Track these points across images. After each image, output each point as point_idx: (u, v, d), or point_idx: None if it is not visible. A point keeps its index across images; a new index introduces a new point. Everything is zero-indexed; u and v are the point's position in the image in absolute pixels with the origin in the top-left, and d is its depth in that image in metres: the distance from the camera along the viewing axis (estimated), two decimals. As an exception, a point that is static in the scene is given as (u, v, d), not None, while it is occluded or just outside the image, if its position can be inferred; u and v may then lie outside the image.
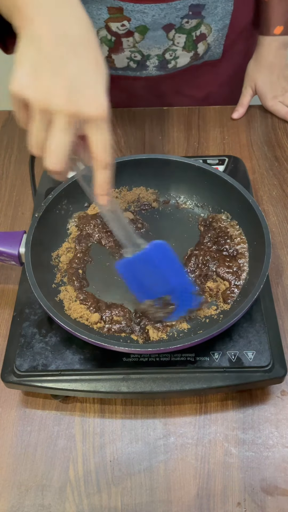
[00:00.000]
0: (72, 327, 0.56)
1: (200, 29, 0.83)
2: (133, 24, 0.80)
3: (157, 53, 0.85)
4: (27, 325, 0.62)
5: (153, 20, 0.79)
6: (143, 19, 0.79)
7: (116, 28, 0.81)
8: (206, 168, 0.71)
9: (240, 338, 0.60)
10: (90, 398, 0.62)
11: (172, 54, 0.86)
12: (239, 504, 0.55)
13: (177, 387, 0.57)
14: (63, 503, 0.55)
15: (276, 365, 0.58)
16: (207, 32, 0.85)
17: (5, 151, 0.91)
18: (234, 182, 0.69)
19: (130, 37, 0.82)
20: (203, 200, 0.74)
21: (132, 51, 0.85)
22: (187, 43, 0.85)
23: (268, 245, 0.61)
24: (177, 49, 0.86)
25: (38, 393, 0.62)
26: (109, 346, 0.55)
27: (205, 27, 0.84)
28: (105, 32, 0.82)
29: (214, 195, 0.72)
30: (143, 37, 0.82)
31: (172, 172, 0.73)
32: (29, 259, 0.61)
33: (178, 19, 0.80)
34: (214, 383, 0.57)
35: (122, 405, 0.61)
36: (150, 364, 0.59)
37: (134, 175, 0.74)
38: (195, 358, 0.59)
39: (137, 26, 0.80)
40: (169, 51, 0.85)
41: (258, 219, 0.64)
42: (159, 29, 0.81)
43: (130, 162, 0.73)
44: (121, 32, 0.81)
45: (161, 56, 0.86)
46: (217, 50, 0.90)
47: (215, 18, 0.83)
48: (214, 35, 0.86)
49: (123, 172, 0.72)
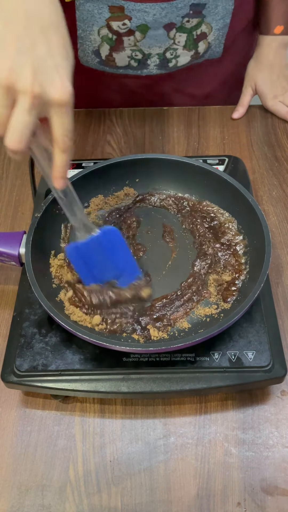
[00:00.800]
0: (73, 327, 0.56)
1: (200, 28, 0.84)
2: (134, 23, 0.80)
3: (158, 52, 0.86)
4: (27, 325, 0.62)
5: (154, 19, 0.79)
6: (144, 18, 0.79)
7: (117, 27, 0.81)
8: (206, 168, 0.71)
9: (240, 338, 0.60)
10: (90, 398, 0.62)
11: (173, 53, 0.86)
12: (239, 504, 0.55)
13: (177, 387, 0.57)
14: (63, 503, 0.55)
15: (276, 365, 0.58)
16: (208, 31, 0.85)
17: (5, 151, 0.91)
18: (233, 181, 0.69)
19: (131, 36, 0.82)
20: (202, 199, 0.74)
21: (133, 50, 0.85)
22: (188, 42, 0.85)
23: (268, 244, 0.61)
24: (177, 48, 0.86)
25: (38, 393, 0.62)
26: (111, 346, 0.55)
27: (206, 26, 0.84)
28: (106, 31, 0.83)
29: (213, 193, 0.73)
30: (144, 36, 0.82)
31: (171, 171, 0.74)
32: (29, 259, 0.61)
33: (179, 18, 0.80)
34: (214, 383, 0.57)
35: (122, 405, 0.61)
36: (150, 364, 0.59)
37: (130, 175, 0.75)
38: (195, 358, 0.59)
39: (138, 25, 0.80)
40: (169, 50, 0.86)
41: (258, 218, 0.64)
42: (160, 28, 0.81)
43: (127, 162, 0.73)
44: (122, 31, 0.81)
45: (162, 55, 0.86)
46: (217, 49, 0.90)
47: (216, 17, 0.84)
48: (215, 34, 0.86)
49: (126, 170, 0.74)
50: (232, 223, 0.71)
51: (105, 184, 0.75)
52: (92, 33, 0.84)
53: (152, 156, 0.74)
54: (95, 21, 0.81)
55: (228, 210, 0.72)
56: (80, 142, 0.91)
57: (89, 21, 0.82)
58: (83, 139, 0.92)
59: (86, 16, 0.81)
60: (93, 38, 0.85)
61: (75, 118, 1.00)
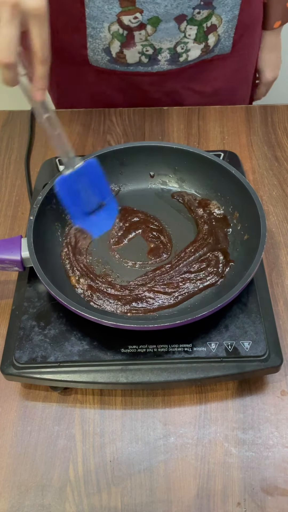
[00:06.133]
0: (81, 309, 0.58)
1: (211, 20, 0.86)
2: (146, 16, 0.81)
3: (168, 47, 0.87)
4: (26, 318, 0.63)
5: (166, 11, 0.81)
6: (155, 10, 0.81)
7: (128, 21, 0.82)
8: (198, 153, 0.74)
9: (237, 328, 0.61)
10: (90, 397, 0.62)
11: (184, 47, 0.88)
12: (239, 504, 0.55)
13: (175, 377, 0.58)
14: (63, 503, 0.55)
15: (272, 354, 0.59)
16: (218, 23, 0.87)
17: (5, 151, 0.91)
18: (227, 165, 0.71)
19: (142, 30, 0.84)
20: (200, 187, 0.76)
21: (144, 45, 0.86)
22: (198, 34, 0.87)
23: (263, 222, 0.64)
24: (188, 42, 0.87)
25: (38, 392, 0.62)
26: (117, 324, 0.57)
27: (216, 18, 0.86)
28: (117, 27, 0.83)
29: (208, 179, 0.75)
30: (155, 29, 0.84)
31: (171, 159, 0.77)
32: (36, 261, 0.61)
33: (190, 10, 0.82)
34: (211, 373, 0.58)
35: (122, 405, 0.61)
36: (148, 355, 0.59)
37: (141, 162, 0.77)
38: (192, 349, 0.60)
39: (150, 18, 0.82)
40: (180, 44, 0.87)
41: (251, 198, 0.67)
42: (171, 21, 0.83)
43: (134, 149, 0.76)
44: (134, 25, 0.83)
45: (173, 49, 0.88)
46: (227, 42, 0.92)
47: (225, 9, 0.86)
48: (224, 26, 0.89)
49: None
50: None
51: None
52: (102, 30, 0.84)
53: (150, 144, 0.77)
54: (105, 17, 0.82)
55: (223, 194, 0.74)
56: (80, 142, 0.92)
57: (99, 18, 0.83)
58: (83, 139, 0.92)
59: (96, 13, 0.82)
60: (103, 35, 0.85)
61: (75, 118, 1.00)
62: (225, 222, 0.72)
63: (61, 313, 0.63)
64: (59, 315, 0.63)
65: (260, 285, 0.65)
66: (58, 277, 0.66)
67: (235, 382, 0.63)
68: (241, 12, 0.88)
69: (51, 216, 0.71)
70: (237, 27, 0.90)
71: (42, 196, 0.68)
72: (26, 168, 0.87)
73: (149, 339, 0.60)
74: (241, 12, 0.88)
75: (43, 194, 0.69)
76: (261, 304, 0.63)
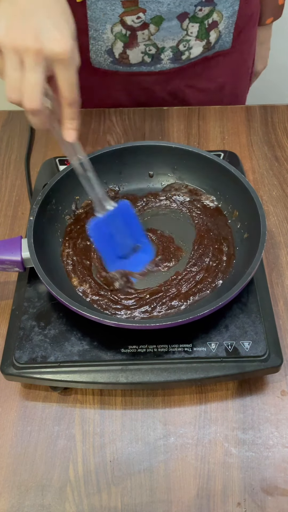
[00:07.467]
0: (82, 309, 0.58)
1: (212, 17, 0.87)
2: (149, 15, 0.82)
3: (171, 45, 0.88)
4: (26, 318, 0.63)
5: (168, 9, 0.81)
6: (158, 9, 0.81)
7: (131, 21, 0.83)
8: (198, 152, 0.74)
9: (237, 328, 0.61)
10: (90, 397, 0.62)
11: (186, 45, 0.89)
12: (239, 504, 0.55)
13: (175, 377, 0.58)
14: (63, 503, 0.55)
15: (272, 354, 0.59)
16: (219, 20, 0.88)
17: (5, 151, 0.91)
18: (227, 165, 0.71)
19: (145, 29, 0.84)
20: (199, 186, 0.76)
21: (147, 45, 0.87)
22: (200, 32, 0.87)
23: (263, 221, 0.64)
24: (190, 39, 0.88)
25: (38, 394, 0.62)
26: (117, 323, 0.57)
27: (217, 14, 0.87)
28: (120, 27, 0.84)
29: (208, 178, 0.75)
30: (158, 28, 0.84)
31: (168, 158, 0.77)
32: (37, 261, 0.61)
33: (192, 7, 0.83)
34: (211, 373, 0.58)
35: (122, 405, 0.61)
36: (148, 355, 0.59)
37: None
38: (192, 349, 0.60)
39: (153, 17, 0.82)
40: (183, 42, 0.88)
41: (251, 197, 0.67)
42: (174, 19, 0.83)
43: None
44: (137, 25, 0.83)
45: (175, 47, 0.88)
46: (227, 38, 0.93)
47: (226, 5, 0.87)
48: (225, 22, 0.89)
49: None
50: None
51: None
52: (105, 32, 0.84)
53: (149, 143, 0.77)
54: (108, 18, 0.82)
55: (222, 193, 0.75)
56: (80, 142, 0.91)
57: (101, 20, 0.83)
58: (83, 139, 0.92)
59: (99, 14, 0.82)
60: (106, 37, 0.85)
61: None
62: (220, 213, 0.73)
63: (61, 313, 0.63)
64: (59, 315, 0.63)
65: (260, 285, 0.65)
66: (58, 277, 0.66)
67: (235, 382, 0.63)
68: (240, 7, 0.89)
69: (51, 216, 0.71)
70: (237, 23, 0.91)
71: (42, 196, 0.68)
72: (26, 168, 0.87)
73: (149, 339, 0.60)
74: (241, 7, 0.89)
75: (43, 194, 0.69)
76: (261, 304, 0.63)
